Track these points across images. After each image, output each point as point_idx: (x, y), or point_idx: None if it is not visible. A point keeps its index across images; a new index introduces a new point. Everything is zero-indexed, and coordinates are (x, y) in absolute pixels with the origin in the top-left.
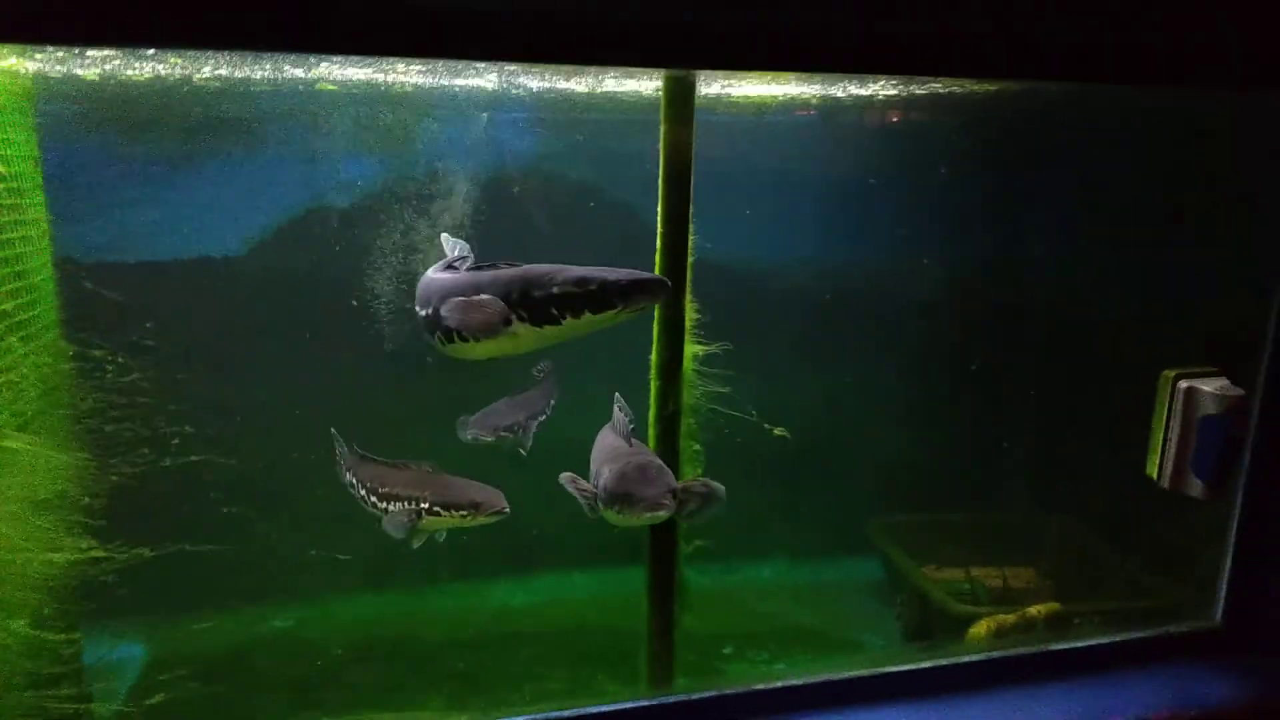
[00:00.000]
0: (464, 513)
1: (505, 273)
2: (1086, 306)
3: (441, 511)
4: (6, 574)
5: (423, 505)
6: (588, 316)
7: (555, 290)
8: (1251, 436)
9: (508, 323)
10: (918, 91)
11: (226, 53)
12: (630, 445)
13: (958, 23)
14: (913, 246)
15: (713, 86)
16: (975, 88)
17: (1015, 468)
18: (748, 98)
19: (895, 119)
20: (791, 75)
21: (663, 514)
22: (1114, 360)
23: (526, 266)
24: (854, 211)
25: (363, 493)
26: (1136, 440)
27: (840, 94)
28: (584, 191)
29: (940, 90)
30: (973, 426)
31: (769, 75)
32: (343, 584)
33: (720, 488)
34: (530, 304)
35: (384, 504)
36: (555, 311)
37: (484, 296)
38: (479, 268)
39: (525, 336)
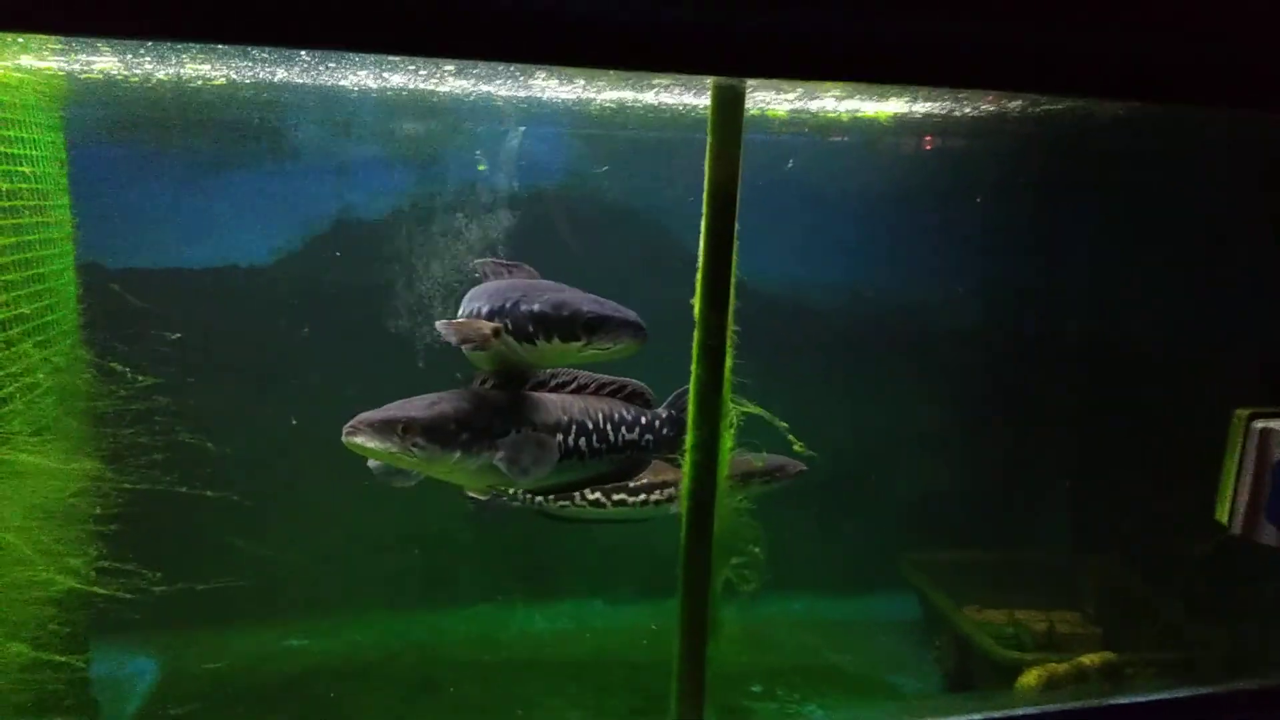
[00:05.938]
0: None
1: (508, 282)
2: (1140, 340)
3: None
4: (16, 587)
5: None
6: (556, 343)
7: (535, 308)
8: None
9: (497, 334)
10: (1008, 107)
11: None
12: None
13: (994, 33)
14: (951, 275)
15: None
16: (1027, 109)
17: (1062, 506)
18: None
19: (931, 143)
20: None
21: (359, 440)
22: (1169, 396)
23: (532, 281)
24: (891, 238)
25: (595, 495)
26: (1194, 480)
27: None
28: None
29: (992, 111)
30: (1016, 462)
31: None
32: (361, 604)
33: (551, 443)
34: (514, 317)
35: (635, 497)
36: (531, 330)
37: (477, 320)
38: (504, 268)
39: (514, 350)
